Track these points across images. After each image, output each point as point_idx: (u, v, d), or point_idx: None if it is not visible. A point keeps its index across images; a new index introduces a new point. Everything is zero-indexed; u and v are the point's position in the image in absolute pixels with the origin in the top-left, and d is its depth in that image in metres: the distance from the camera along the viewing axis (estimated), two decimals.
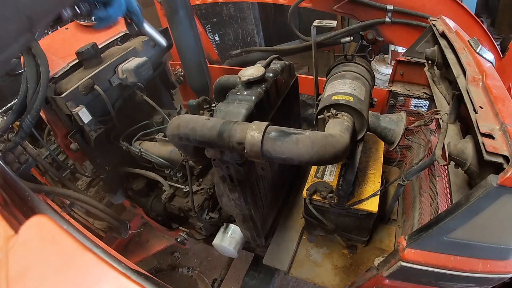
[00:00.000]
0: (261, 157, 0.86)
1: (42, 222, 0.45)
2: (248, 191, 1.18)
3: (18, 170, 1.29)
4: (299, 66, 4.74)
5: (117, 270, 0.42)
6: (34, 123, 1.15)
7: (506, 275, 0.77)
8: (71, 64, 1.33)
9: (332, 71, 1.32)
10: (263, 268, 1.66)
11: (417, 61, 1.37)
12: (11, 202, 0.67)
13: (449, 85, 1.15)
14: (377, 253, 1.49)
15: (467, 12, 1.54)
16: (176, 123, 0.98)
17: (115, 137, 1.50)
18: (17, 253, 0.41)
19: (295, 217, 1.69)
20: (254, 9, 3.57)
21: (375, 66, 3.14)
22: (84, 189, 1.74)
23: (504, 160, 0.61)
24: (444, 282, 0.85)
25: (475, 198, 0.64)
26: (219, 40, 3.78)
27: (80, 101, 1.25)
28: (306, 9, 1.93)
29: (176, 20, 1.73)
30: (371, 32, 1.80)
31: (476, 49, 0.98)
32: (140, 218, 2.13)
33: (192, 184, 1.42)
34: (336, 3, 1.77)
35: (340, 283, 1.42)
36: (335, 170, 1.41)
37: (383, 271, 0.93)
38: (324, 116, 1.03)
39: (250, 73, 1.12)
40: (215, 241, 1.54)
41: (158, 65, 1.75)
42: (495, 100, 0.75)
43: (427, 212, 1.24)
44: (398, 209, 1.64)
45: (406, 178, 1.22)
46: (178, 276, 2.62)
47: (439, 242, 0.76)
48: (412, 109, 1.53)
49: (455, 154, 0.78)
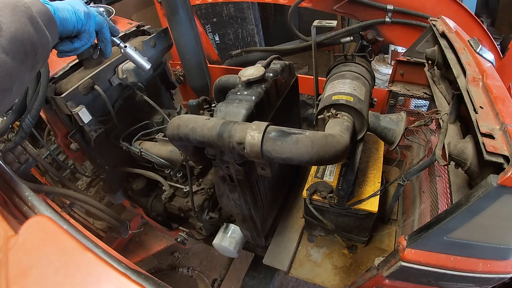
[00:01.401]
0: (261, 157, 0.86)
1: (42, 222, 0.45)
2: (248, 191, 1.17)
3: (18, 170, 1.29)
4: (299, 66, 4.74)
5: (117, 270, 0.42)
6: (34, 123, 1.15)
7: (506, 275, 0.77)
8: (71, 64, 1.33)
9: (332, 71, 1.32)
10: (263, 268, 1.66)
11: (417, 61, 1.37)
12: (11, 202, 0.67)
13: (449, 85, 1.15)
14: (377, 253, 1.49)
15: (467, 12, 1.54)
16: (176, 123, 0.98)
17: (115, 137, 1.50)
18: (17, 253, 0.41)
19: (295, 217, 1.69)
20: (254, 9, 3.57)
21: (375, 66, 3.14)
22: (84, 189, 1.74)
23: (504, 160, 0.61)
24: (444, 282, 0.85)
25: (475, 198, 0.64)
26: (219, 40, 3.78)
27: (80, 101, 1.25)
28: (306, 9, 1.93)
29: (176, 20, 1.72)
30: (371, 32, 1.80)
31: (476, 49, 0.98)
32: (140, 218, 2.13)
33: (192, 184, 1.42)
34: (336, 3, 1.77)
35: (340, 283, 1.42)
36: (335, 170, 1.41)
37: (383, 271, 0.93)
38: (324, 116, 1.03)
39: (250, 73, 1.12)
40: (215, 241, 1.54)
41: (158, 65, 1.75)
42: (495, 100, 0.75)
43: (427, 212, 1.24)
44: (398, 209, 1.64)
45: (406, 178, 1.22)
46: (178, 276, 2.62)
47: (439, 242, 0.76)
48: (412, 109, 1.53)
49: (455, 154, 0.78)
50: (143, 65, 1.18)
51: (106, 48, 1.04)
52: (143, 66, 1.18)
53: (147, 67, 1.19)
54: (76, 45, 0.91)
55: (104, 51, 1.05)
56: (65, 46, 0.90)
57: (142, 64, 1.18)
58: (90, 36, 0.93)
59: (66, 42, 0.89)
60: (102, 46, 1.03)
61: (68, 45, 0.90)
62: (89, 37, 0.93)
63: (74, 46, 0.91)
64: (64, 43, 0.89)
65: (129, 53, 1.14)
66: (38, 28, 0.69)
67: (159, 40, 1.61)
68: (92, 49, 1.09)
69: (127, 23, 1.66)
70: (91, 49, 1.12)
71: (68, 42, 0.90)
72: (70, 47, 0.91)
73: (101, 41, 1.01)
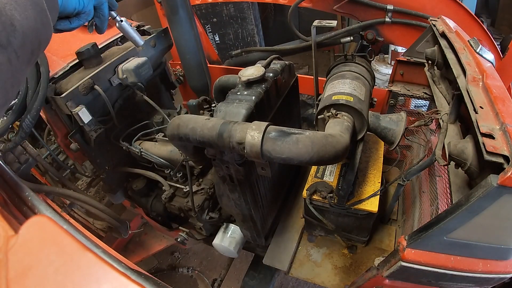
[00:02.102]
0: (261, 157, 0.86)
1: (42, 222, 0.45)
2: (248, 191, 1.17)
3: (18, 170, 1.29)
4: (299, 66, 4.74)
5: (117, 270, 0.42)
6: (34, 123, 1.15)
7: (506, 275, 0.77)
8: (71, 64, 1.33)
9: (332, 71, 1.32)
10: (263, 268, 1.66)
11: (417, 61, 1.37)
12: (11, 202, 0.67)
13: (449, 85, 1.15)
14: (377, 253, 1.49)
15: (467, 12, 1.54)
16: (176, 123, 0.98)
17: (115, 137, 1.50)
18: (17, 253, 0.41)
19: (295, 217, 1.69)
20: (254, 9, 3.57)
21: (375, 66, 3.14)
22: (84, 189, 1.74)
23: (504, 160, 0.61)
24: (444, 282, 0.85)
25: (475, 198, 0.64)
26: (219, 40, 3.78)
27: (80, 101, 1.25)
28: (306, 9, 1.93)
29: (176, 20, 1.72)
30: (371, 32, 1.80)
31: (476, 49, 0.98)
32: (140, 218, 2.13)
33: (192, 184, 1.42)
34: (336, 3, 1.77)
35: (340, 283, 1.42)
36: (335, 170, 1.41)
37: (383, 271, 0.93)
38: (324, 116, 1.03)
39: (250, 73, 1.12)
40: (215, 241, 1.54)
41: (158, 65, 1.75)
42: (495, 100, 0.75)
43: (427, 212, 1.24)
44: (398, 209, 1.64)
45: (406, 178, 1.22)
46: (178, 276, 2.62)
47: (439, 242, 0.76)
48: (412, 109, 1.53)
49: (455, 154, 0.78)
50: (137, 40, 1.21)
51: (102, 24, 1.01)
52: (137, 41, 1.21)
53: (141, 42, 1.23)
54: (74, 25, 0.88)
55: (101, 27, 1.02)
56: (62, 26, 0.86)
57: (136, 39, 1.21)
58: (88, 15, 0.91)
59: (64, 21, 0.86)
60: (99, 22, 1.00)
61: (66, 24, 0.87)
62: (87, 16, 0.91)
63: (71, 26, 0.88)
64: (62, 23, 0.86)
65: (125, 27, 1.15)
66: (46, 23, 0.66)
67: (159, 40, 1.61)
68: (88, 25, 1.06)
69: None
70: (93, 47, 1.10)
71: (66, 22, 0.86)
72: (68, 27, 0.88)
73: (98, 17, 0.98)
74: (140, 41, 1.22)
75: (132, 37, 1.20)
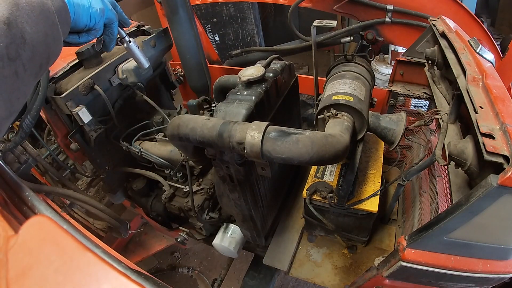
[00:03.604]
0: (261, 157, 0.86)
1: (42, 222, 0.45)
2: (248, 191, 1.17)
3: (18, 170, 1.29)
4: (299, 66, 4.74)
5: (117, 270, 0.42)
6: (34, 123, 1.15)
7: (506, 275, 0.77)
8: (71, 64, 1.33)
9: (332, 71, 1.32)
10: (263, 268, 1.66)
11: (417, 61, 1.37)
12: (11, 202, 0.67)
13: (449, 85, 1.15)
14: (377, 253, 1.49)
15: (467, 12, 1.54)
16: (176, 123, 0.98)
17: (115, 137, 1.50)
18: (17, 253, 0.41)
19: (295, 217, 1.69)
20: (254, 9, 3.58)
21: (375, 66, 3.14)
22: (84, 189, 1.73)
23: (504, 160, 0.61)
24: (444, 282, 0.85)
25: (475, 198, 0.64)
26: (219, 40, 3.79)
27: (80, 101, 1.25)
28: (306, 9, 1.93)
29: (176, 20, 1.72)
30: (371, 32, 1.80)
31: (476, 49, 0.98)
32: (140, 218, 2.13)
33: (192, 184, 1.42)
34: (336, 3, 1.77)
35: (340, 283, 1.42)
36: (335, 170, 1.41)
37: (383, 271, 0.93)
38: (324, 116, 1.03)
39: (250, 73, 1.12)
40: (215, 241, 1.54)
41: (158, 65, 1.75)
42: (495, 100, 0.75)
43: (427, 212, 1.24)
44: (398, 209, 1.64)
45: (406, 178, 1.22)
46: (178, 276, 2.62)
47: (439, 242, 0.76)
48: (412, 109, 1.53)
49: (455, 154, 0.78)
50: (143, 62, 1.18)
51: (110, 42, 1.03)
52: (143, 63, 1.19)
53: (146, 65, 1.19)
54: (82, 39, 0.89)
55: (108, 45, 1.03)
56: (71, 40, 0.87)
57: (142, 61, 1.18)
58: (98, 32, 0.92)
59: (74, 36, 0.87)
60: (107, 40, 1.01)
61: (75, 38, 0.88)
62: (97, 33, 0.92)
63: (80, 41, 0.89)
64: (71, 37, 0.87)
65: (133, 48, 1.14)
66: (56, 37, 0.65)
67: (159, 40, 1.61)
68: (96, 41, 1.06)
69: None
70: (93, 47, 1.09)
71: (76, 36, 0.88)
72: (77, 41, 0.89)
73: (107, 35, 0.99)
74: (145, 63, 1.19)
75: (137, 59, 1.17)
